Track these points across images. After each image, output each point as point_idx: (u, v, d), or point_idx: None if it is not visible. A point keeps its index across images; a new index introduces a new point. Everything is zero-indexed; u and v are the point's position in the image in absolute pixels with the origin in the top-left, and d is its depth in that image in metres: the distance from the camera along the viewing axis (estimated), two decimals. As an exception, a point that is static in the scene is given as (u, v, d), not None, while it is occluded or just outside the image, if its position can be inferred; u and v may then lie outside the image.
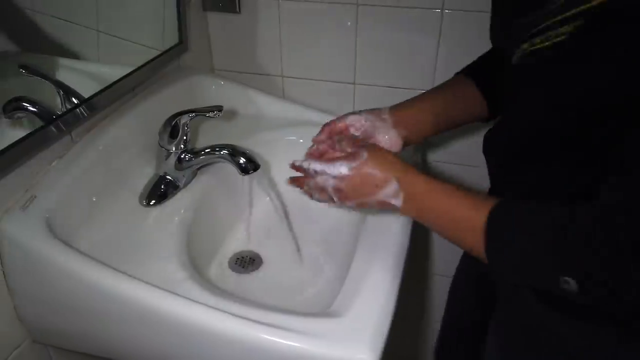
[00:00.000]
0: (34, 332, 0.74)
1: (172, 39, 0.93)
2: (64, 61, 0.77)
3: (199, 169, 0.85)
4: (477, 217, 0.48)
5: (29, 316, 0.72)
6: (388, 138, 0.67)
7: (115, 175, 0.79)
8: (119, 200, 0.78)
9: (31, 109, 0.71)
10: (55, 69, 0.76)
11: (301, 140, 0.94)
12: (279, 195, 0.88)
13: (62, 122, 0.72)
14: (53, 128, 0.70)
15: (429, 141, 1.09)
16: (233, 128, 0.99)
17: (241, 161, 0.78)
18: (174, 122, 0.77)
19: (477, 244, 0.48)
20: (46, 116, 0.71)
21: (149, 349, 0.71)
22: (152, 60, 0.87)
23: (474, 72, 0.72)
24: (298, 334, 0.58)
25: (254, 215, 0.88)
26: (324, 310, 0.66)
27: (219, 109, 0.76)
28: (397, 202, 0.57)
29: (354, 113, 0.69)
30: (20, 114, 0.70)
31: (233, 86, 1.02)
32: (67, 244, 0.65)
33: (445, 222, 0.53)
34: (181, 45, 0.93)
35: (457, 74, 0.74)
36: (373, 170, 0.58)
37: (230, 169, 0.80)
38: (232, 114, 1.01)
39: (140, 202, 0.79)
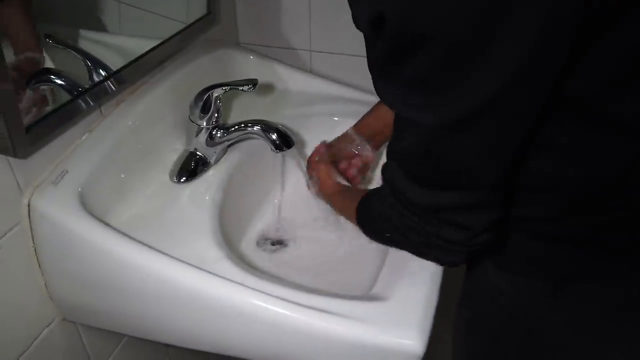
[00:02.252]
0: (65, 310, 0.73)
1: (199, 10, 0.89)
2: (84, 33, 0.74)
3: (230, 145, 0.82)
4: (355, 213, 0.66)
5: (60, 294, 0.71)
6: (361, 148, 0.84)
7: (145, 151, 0.76)
8: (149, 176, 0.76)
9: (57, 81, 0.69)
10: (76, 41, 0.73)
11: (335, 118, 0.91)
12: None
13: (91, 95, 0.69)
14: (82, 102, 0.68)
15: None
16: (261, 103, 0.96)
17: (274, 137, 0.75)
18: (206, 95, 0.74)
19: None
20: (72, 89, 0.68)
21: (182, 329, 0.69)
22: (181, 32, 0.84)
23: None
24: (343, 318, 0.57)
25: (285, 192, 0.86)
26: (364, 291, 0.64)
27: (254, 82, 0.73)
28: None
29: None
30: (44, 87, 0.68)
31: (262, 60, 0.99)
32: (100, 219, 0.63)
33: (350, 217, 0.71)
34: (210, 16, 0.89)
35: None
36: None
37: (261, 145, 0.77)
38: (260, 89, 0.98)
39: (171, 179, 0.77)
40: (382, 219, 0.57)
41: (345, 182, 0.80)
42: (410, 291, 0.60)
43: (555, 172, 0.52)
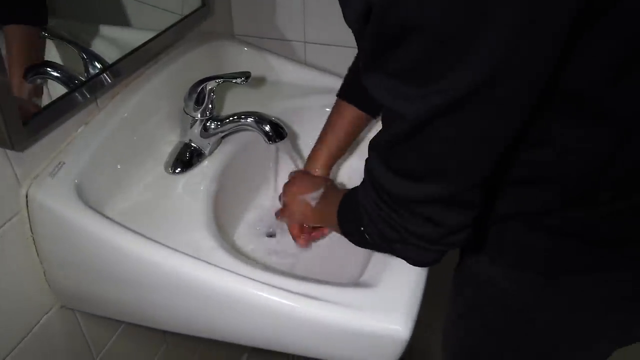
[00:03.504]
0: (63, 298, 0.75)
1: (193, 2, 0.90)
2: (78, 25, 0.74)
3: (224, 136, 0.83)
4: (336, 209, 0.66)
5: (58, 282, 0.72)
6: None
7: (141, 142, 0.78)
8: (145, 167, 0.78)
9: (54, 73, 0.70)
10: (71, 33, 0.74)
11: (327, 109, 0.92)
12: (304, 164, 0.87)
13: (88, 88, 0.70)
14: (78, 94, 0.69)
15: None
16: (255, 95, 0.97)
17: (267, 129, 0.76)
18: (199, 88, 0.75)
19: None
20: (69, 81, 0.69)
21: (178, 316, 0.71)
22: (176, 24, 0.85)
23: (351, 95, 0.81)
24: (332, 304, 0.58)
25: (279, 183, 0.88)
26: (354, 280, 0.66)
27: (247, 75, 0.74)
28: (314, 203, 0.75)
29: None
30: (40, 79, 0.69)
31: (256, 52, 1.00)
32: (96, 210, 0.65)
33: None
34: (204, 8, 0.90)
35: (338, 96, 0.82)
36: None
37: (255, 136, 0.79)
38: (254, 81, 0.99)
39: (166, 170, 0.78)
40: (360, 211, 0.57)
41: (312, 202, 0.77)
42: (398, 279, 0.62)
43: (547, 165, 0.53)
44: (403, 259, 0.57)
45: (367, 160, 0.56)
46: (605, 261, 0.58)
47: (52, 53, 0.70)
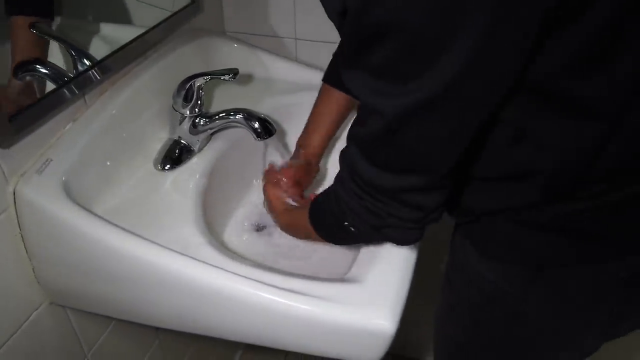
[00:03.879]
0: (52, 294, 0.75)
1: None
2: (68, 21, 0.74)
3: (213, 133, 0.84)
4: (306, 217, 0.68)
5: (47, 278, 0.73)
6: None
7: (130, 139, 0.78)
8: (134, 164, 0.78)
9: (42, 70, 0.70)
10: (61, 29, 0.74)
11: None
12: (294, 152, 0.87)
13: (76, 84, 0.70)
14: (66, 91, 0.69)
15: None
16: (246, 92, 0.97)
17: (256, 126, 0.77)
18: (188, 85, 0.75)
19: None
20: (58, 78, 0.69)
21: (166, 313, 0.72)
22: (164, 20, 0.85)
23: (336, 79, 0.82)
24: (318, 300, 0.59)
25: (268, 180, 0.88)
26: (341, 276, 0.66)
27: (235, 72, 0.74)
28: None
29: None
30: (29, 76, 0.69)
31: (246, 49, 0.99)
32: (84, 207, 0.65)
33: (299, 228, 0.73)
34: (194, 4, 0.90)
35: (324, 80, 0.84)
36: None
37: (245, 133, 0.79)
38: (245, 78, 0.99)
39: (155, 167, 0.79)
40: (341, 207, 0.59)
41: (293, 203, 0.79)
42: (384, 275, 0.63)
43: (529, 160, 0.54)
44: (389, 241, 0.60)
45: (344, 152, 0.57)
46: (591, 254, 0.59)
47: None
